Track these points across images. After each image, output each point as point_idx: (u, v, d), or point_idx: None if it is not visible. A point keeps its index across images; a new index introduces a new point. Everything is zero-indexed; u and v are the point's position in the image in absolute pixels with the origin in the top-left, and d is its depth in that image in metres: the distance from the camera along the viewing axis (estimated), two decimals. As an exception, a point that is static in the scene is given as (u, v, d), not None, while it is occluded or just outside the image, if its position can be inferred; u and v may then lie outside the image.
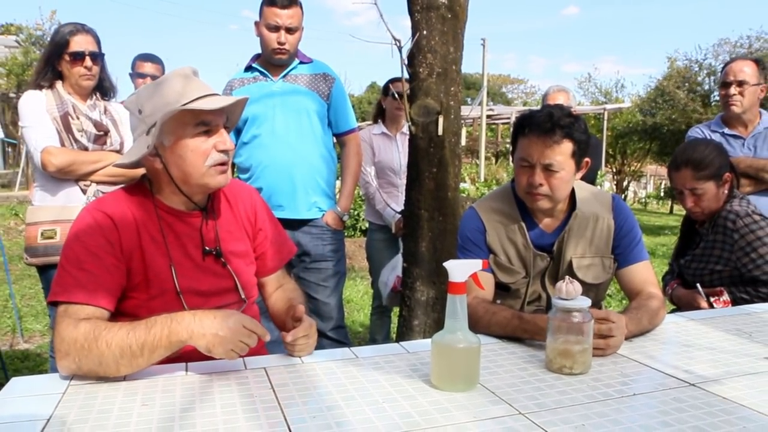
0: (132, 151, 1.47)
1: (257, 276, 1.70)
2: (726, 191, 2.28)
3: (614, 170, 22.50)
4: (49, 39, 2.53)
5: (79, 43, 2.39)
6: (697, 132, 3.00)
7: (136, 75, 3.42)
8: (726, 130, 2.93)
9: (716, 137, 2.87)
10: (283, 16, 2.58)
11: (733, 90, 2.85)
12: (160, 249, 1.44)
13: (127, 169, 1.54)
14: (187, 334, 1.26)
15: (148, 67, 3.41)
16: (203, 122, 1.42)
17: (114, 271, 1.37)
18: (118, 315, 1.39)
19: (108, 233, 1.38)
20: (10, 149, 19.73)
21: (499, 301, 1.82)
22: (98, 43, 2.47)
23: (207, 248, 1.51)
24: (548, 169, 1.70)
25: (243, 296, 1.56)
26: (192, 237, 1.50)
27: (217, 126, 1.45)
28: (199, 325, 1.26)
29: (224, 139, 1.46)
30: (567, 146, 1.69)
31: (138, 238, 1.42)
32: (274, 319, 1.72)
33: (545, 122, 1.68)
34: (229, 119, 1.52)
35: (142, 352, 1.24)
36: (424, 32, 2.52)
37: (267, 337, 1.33)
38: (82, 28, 2.42)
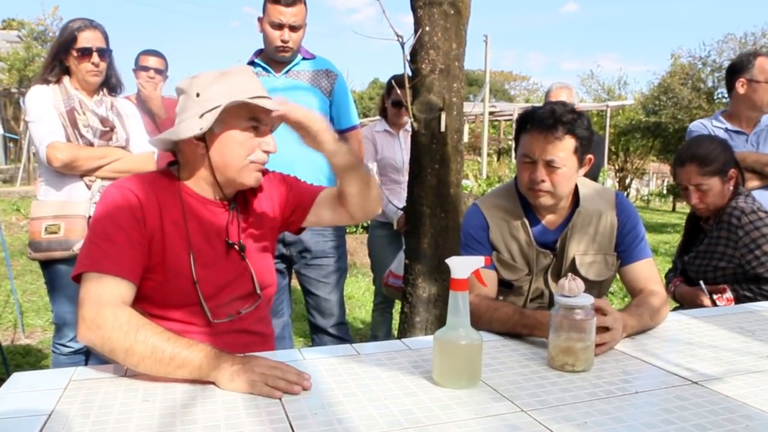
0: (179, 130, 1.44)
1: (311, 205, 1.70)
2: (731, 187, 2.27)
3: (616, 168, 22.44)
4: (51, 34, 2.53)
5: (87, 39, 2.39)
6: (699, 126, 2.97)
7: (139, 68, 3.42)
8: (729, 126, 2.91)
9: (719, 132, 2.86)
10: (287, 13, 2.57)
11: None
12: (181, 233, 1.44)
13: (160, 150, 1.54)
14: (215, 372, 1.22)
15: (151, 61, 3.40)
16: (256, 118, 1.45)
17: (138, 247, 1.37)
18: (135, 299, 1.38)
19: (135, 210, 1.39)
20: (11, 144, 19.65)
21: (501, 298, 1.81)
22: (106, 39, 2.47)
23: (230, 241, 1.51)
24: (550, 165, 1.69)
25: (259, 291, 1.55)
26: (214, 226, 1.50)
27: (266, 126, 1.48)
28: (228, 363, 1.23)
29: (270, 142, 1.49)
30: (569, 142, 1.69)
31: (160, 220, 1.42)
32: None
33: (548, 118, 1.68)
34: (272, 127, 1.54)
35: (171, 361, 1.22)
36: (427, 28, 2.51)
37: (307, 382, 1.23)
38: (90, 24, 2.42)
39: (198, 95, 1.43)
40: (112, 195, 1.40)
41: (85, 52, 2.38)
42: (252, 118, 1.45)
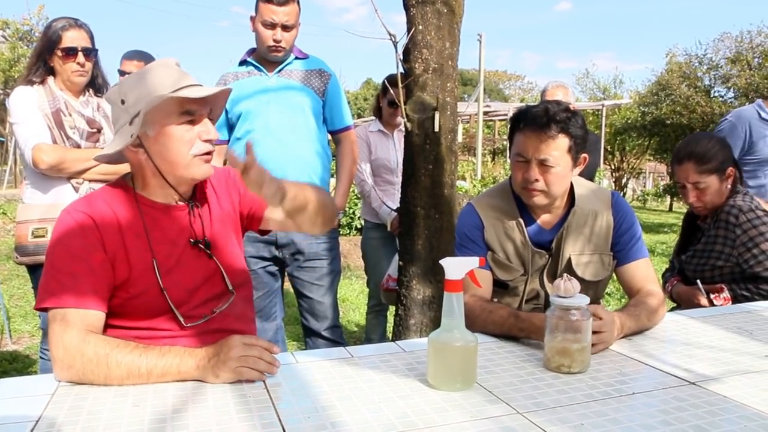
0: (115, 141, 1.43)
1: (264, 210, 1.65)
2: (729, 186, 2.27)
3: (613, 167, 22.49)
4: (37, 34, 2.50)
5: (72, 39, 2.36)
6: (747, 117, 2.87)
7: (120, 73, 3.37)
8: None
9: (765, 126, 2.82)
10: (279, 13, 2.55)
11: None
12: (144, 245, 1.41)
13: (109, 163, 1.51)
14: (197, 372, 1.26)
15: (130, 66, 3.34)
16: (188, 111, 1.40)
17: (100, 271, 1.35)
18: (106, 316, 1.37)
19: (91, 233, 1.36)
20: (-4, 147, 19.47)
21: (496, 299, 1.80)
22: (92, 38, 2.43)
23: (193, 240, 1.49)
24: (544, 164, 1.68)
25: (230, 287, 1.53)
26: (177, 230, 1.47)
27: (201, 116, 1.43)
28: (204, 359, 1.26)
29: (208, 128, 1.43)
30: (563, 141, 1.68)
31: (121, 237, 1.39)
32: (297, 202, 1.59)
33: (541, 117, 1.67)
34: (212, 111, 1.49)
35: (150, 375, 1.24)
36: (420, 27, 2.50)
37: (275, 348, 1.31)
38: (75, 23, 2.39)
39: (123, 102, 1.40)
40: (66, 222, 1.37)
41: (70, 52, 2.35)
42: (183, 111, 1.39)
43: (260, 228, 1.69)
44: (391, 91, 3.23)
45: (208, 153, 1.44)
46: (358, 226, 8.28)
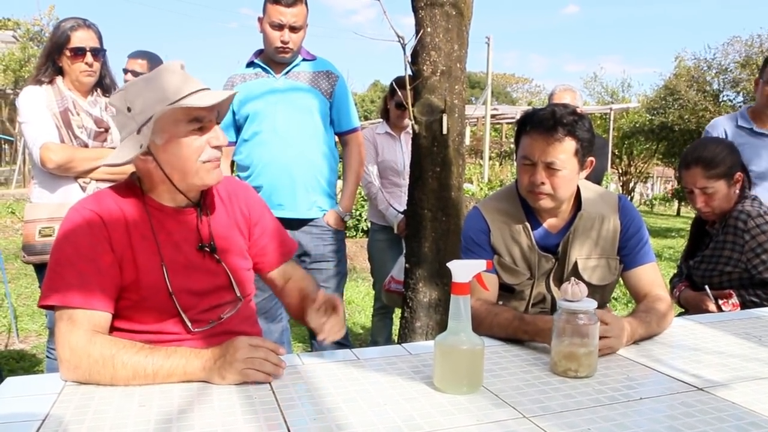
0: (123, 151, 1.41)
1: (261, 272, 1.68)
2: (737, 191, 2.25)
3: (620, 171, 22.41)
4: (47, 34, 2.51)
5: (81, 39, 2.37)
6: (720, 126, 2.86)
7: (124, 72, 3.38)
8: (755, 127, 2.80)
9: (744, 134, 2.79)
10: (287, 14, 2.56)
11: None
12: (151, 247, 1.41)
13: (119, 167, 1.51)
14: (203, 373, 1.26)
15: (134, 65, 3.34)
16: (196, 118, 1.38)
17: (107, 271, 1.34)
18: (112, 317, 1.37)
19: (98, 232, 1.35)
20: (6, 146, 19.63)
21: (501, 303, 1.80)
22: (100, 38, 2.45)
23: (201, 244, 1.48)
24: (550, 168, 1.68)
25: (238, 294, 1.53)
26: (185, 234, 1.47)
27: (210, 122, 1.41)
28: (210, 361, 1.26)
29: (218, 134, 1.42)
30: (569, 144, 1.67)
31: (128, 237, 1.38)
32: (291, 313, 1.71)
33: (548, 120, 1.66)
34: (218, 114, 1.48)
35: (156, 376, 1.24)
36: (428, 29, 2.50)
37: (281, 350, 1.32)
38: (83, 24, 2.40)
39: (129, 110, 1.38)
40: (73, 219, 1.36)
41: (79, 52, 2.36)
42: (192, 119, 1.37)
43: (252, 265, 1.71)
44: (399, 93, 3.22)
45: (217, 159, 1.44)
46: (365, 228, 8.28)
